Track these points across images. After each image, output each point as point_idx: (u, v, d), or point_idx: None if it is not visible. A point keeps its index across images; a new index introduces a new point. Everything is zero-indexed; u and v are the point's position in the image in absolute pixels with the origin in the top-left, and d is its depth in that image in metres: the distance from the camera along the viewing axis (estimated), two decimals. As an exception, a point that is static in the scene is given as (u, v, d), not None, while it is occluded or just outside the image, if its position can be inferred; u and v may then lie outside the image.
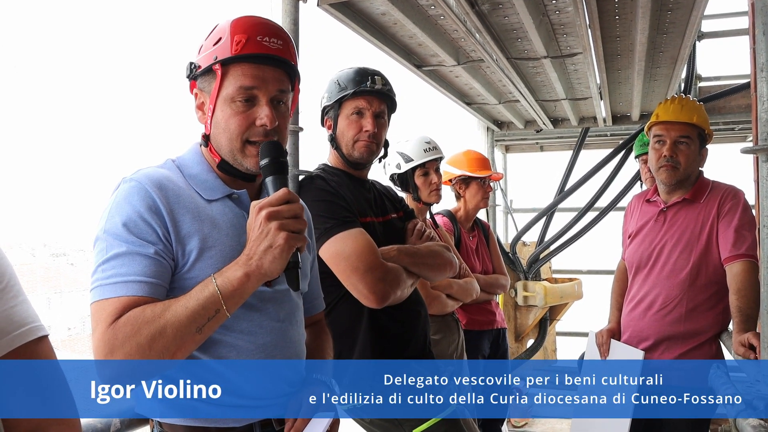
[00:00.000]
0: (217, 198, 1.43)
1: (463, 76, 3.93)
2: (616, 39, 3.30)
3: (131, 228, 1.31)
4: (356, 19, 2.86)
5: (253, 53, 1.39)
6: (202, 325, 1.25)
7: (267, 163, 1.36)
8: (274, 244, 1.24)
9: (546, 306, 5.44)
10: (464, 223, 3.59)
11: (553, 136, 6.16)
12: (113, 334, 1.23)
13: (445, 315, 3.00)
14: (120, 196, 1.35)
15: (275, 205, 1.27)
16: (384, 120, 2.24)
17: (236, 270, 1.26)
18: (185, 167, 1.47)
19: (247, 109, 1.41)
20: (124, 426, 1.61)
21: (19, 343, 1.02)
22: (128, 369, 1.24)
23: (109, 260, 1.29)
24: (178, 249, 1.34)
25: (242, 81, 1.39)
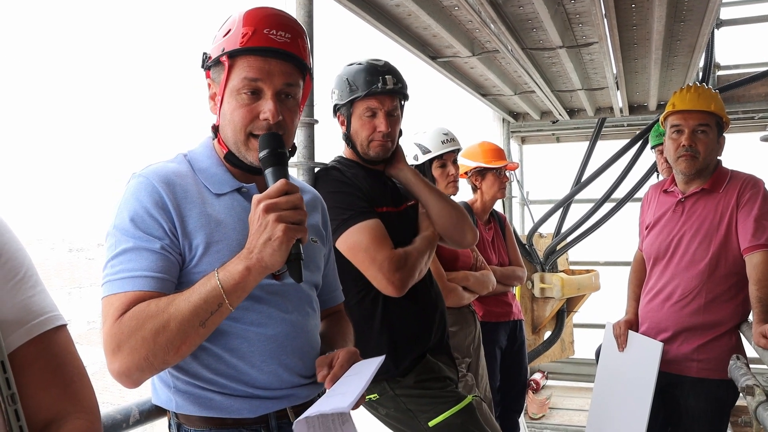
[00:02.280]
0: (226, 192, 1.44)
1: (478, 68, 3.90)
2: (633, 28, 3.26)
3: (138, 223, 1.32)
4: (370, 11, 2.85)
5: (258, 46, 1.39)
6: (205, 319, 1.26)
7: (266, 154, 1.36)
8: (273, 236, 1.24)
9: (563, 298, 5.41)
10: (481, 215, 3.59)
11: (569, 127, 6.12)
12: (119, 329, 1.26)
13: (461, 307, 3.01)
14: (128, 192, 1.37)
15: (273, 197, 1.26)
16: (396, 115, 2.24)
17: (238, 264, 1.26)
18: (195, 161, 1.48)
19: (252, 102, 1.40)
20: (143, 416, 1.62)
21: (38, 332, 1.02)
22: (135, 363, 1.25)
23: (117, 255, 1.32)
24: (185, 244, 1.35)
25: (247, 73, 1.39)
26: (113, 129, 51.45)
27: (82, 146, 41.60)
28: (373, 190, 2.22)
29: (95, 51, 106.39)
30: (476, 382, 2.93)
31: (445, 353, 2.37)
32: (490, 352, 3.33)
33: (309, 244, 1.53)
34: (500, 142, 5.52)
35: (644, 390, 2.65)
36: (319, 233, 1.62)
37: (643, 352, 2.73)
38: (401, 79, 2.24)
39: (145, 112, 61.75)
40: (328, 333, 1.63)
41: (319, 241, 1.59)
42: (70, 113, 58.48)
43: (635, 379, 2.75)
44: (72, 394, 1.05)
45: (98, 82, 79.01)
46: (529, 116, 5.55)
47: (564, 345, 5.82)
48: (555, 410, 5.67)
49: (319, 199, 1.71)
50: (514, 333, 3.59)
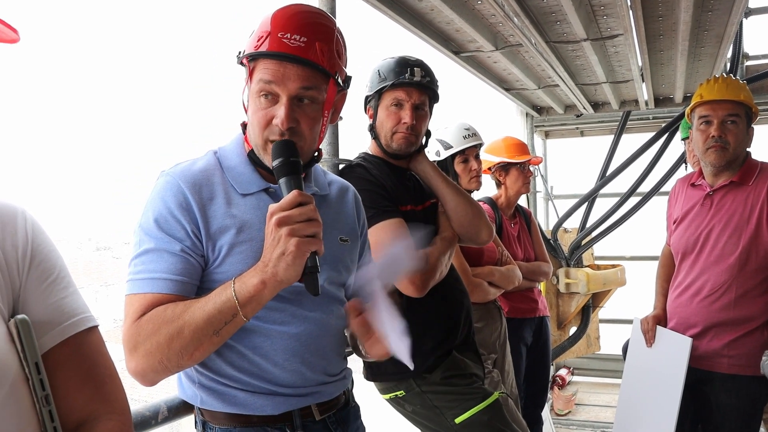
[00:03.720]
0: (253, 192, 1.43)
1: (502, 62, 3.87)
2: (659, 19, 3.22)
3: (161, 224, 1.33)
4: (393, 6, 2.84)
5: (268, 51, 1.36)
6: (219, 329, 1.26)
7: (278, 164, 1.31)
8: (286, 251, 1.20)
9: (589, 293, 5.37)
10: (505, 210, 3.56)
11: (594, 121, 6.06)
12: (136, 331, 1.27)
13: (487, 303, 2.99)
14: (155, 191, 1.38)
15: (286, 209, 1.22)
16: (424, 111, 2.22)
17: (253, 276, 1.25)
18: (225, 158, 1.47)
19: (269, 106, 1.37)
20: (171, 413, 1.64)
21: (70, 333, 1.03)
22: (150, 365, 1.27)
23: (140, 255, 1.33)
24: (209, 245, 1.35)
25: (262, 76, 1.36)
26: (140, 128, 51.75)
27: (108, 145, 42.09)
28: (397, 188, 2.22)
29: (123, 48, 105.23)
30: (502, 378, 2.92)
31: (471, 350, 2.36)
32: (516, 348, 3.31)
33: (337, 245, 1.51)
34: (523, 137, 5.48)
35: (673, 386, 2.62)
36: (350, 231, 1.59)
37: (672, 347, 2.69)
38: (431, 75, 2.23)
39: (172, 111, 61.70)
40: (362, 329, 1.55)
41: (350, 240, 1.56)
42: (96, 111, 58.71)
43: (664, 375, 2.71)
44: (104, 395, 1.06)
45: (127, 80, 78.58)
46: (552, 110, 5.50)
47: (590, 341, 5.78)
48: (581, 406, 5.64)
49: (352, 192, 1.67)
50: (540, 329, 3.57)
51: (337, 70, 1.42)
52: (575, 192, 6.37)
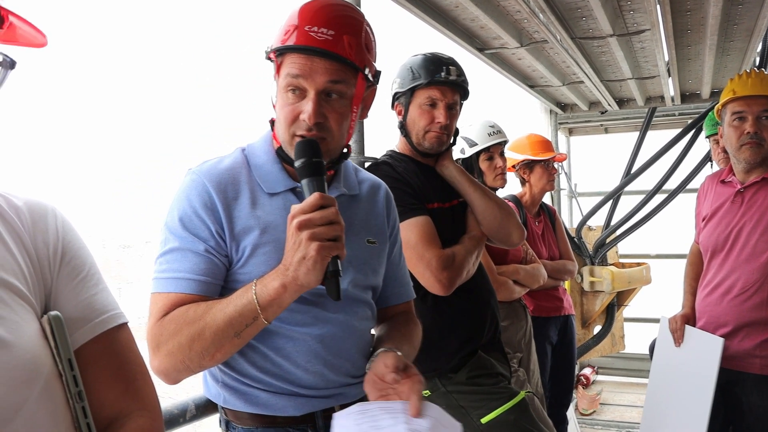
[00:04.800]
0: (279, 192, 1.40)
1: (526, 59, 3.85)
2: (687, 13, 3.17)
3: (186, 223, 1.33)
4: (417, 3, 2.82)
5: (295, 45, 1.33)
6: (240, 331, 1.25)
7: (300, 164, 1.28)
8: (306, 255, 1.18)
9: (613, 291, 5.32)
10: (530, 208, 3.54)
11: (618, 117, 6.01)
12: (159, 331, 1.28)
13: (512, 301, 2.97)
14: (181, 190, 1.37)
15: (307, 212, 1.19)
16: (456, 110, 2.20)
17: (274, 279, 1.23)
18: (252, 155, 1.45)
19: (297, 101, 1.35)
20: (199, 412, 1.65)
21: (101, 330, 1.04)
22: (172, 364, 1.27)
23: (165, 254, 1.33)
24: (233, 245, 1.34)
25: (290, 70, 1.34)
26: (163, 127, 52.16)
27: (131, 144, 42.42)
28: (424, 185, 2.20)
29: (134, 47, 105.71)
30: (528, 377, 2.89)
31: (497, 349, 2.34)
32: (541, 347, 3.29)
33: (364, 246, 1.48)
34: (547, 134, 5.44)
35: (704, 387, 2.58)
36: (379, 232, 1.55)
37: (702, 347, 2.65)
38: (464, 74, 2.21)
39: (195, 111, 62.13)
40: (390, 332, 1.55)
41: (377, 242, 1.52)
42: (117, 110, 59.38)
43: (694, 375, 2.67)
44: (134, 392, 1.06)
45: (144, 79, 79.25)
46: (577, 107, 5.46)
47: (614, 340, 5.72)
48: (606, 406, 5.58)
49: (384, 191, 1.62)
50: (565, 328, 3.54)
51: (366, 64, 1.39)
52: (599, 189, 6.32)
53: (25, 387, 0.90)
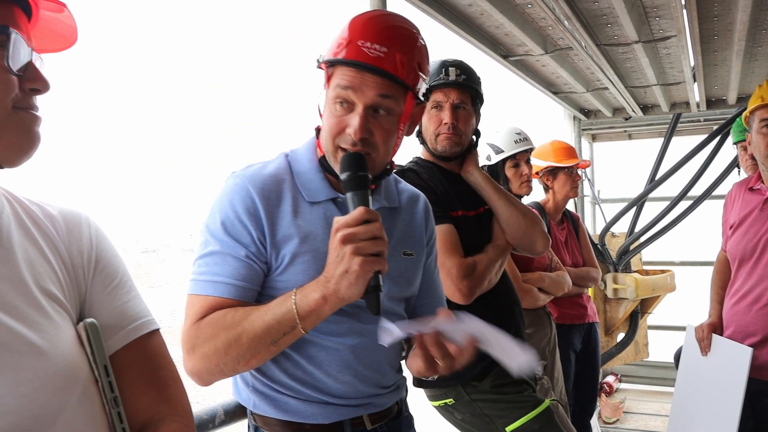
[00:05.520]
0: (320, 201, 1.40)
1: (551, 65, 3.84)
2: (714, 19, 3.14)
3: (228, 228, 1.33)
4: (443, 11, 2.83)
5: (347, 59, 1.33)
6: (277, 339, 1.25)
7: (346, 177, 1.27)
8: (349, 269, 1.18)
9: (637, 299, 5.27)
10: (553, 215, 3.53)
11: (642, 123, 5.96)
12: (195, 333, 1.28)
13: (537, 309, 2.96)
14: (223, 193, 1.37)
15: (351, 226, 1.19)
16: (466, 110, 2.19)
17: (315, 291, 1.23)
18: (296, 162, 1.45)
19: (344, 114, 1.34)
20: (228, 417, 1.66)
21: (134, 337, 1.06)
22: (206, 367, 1.28)
23: (205, 256, 1.34)
24: (273, 253, 1.34)
25: (340, 82, 1.34)
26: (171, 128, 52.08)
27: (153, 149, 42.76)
28: (449, 193, 2.20)
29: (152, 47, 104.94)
30: (552, 385, 2.88)
31: (522, 357, 2.33)
32: (565, 355, 3.27)
33: (400, 259, 1.48)
34: (571, 141, 5.42)
35: (732, 397, 2.55)
36: (416, 243, 1.55)
37: (730, 357, 2.62)
38: (469, 74, 2.20)
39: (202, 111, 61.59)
40: None
41: (414, 253, 1.53)
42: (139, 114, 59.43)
43: (721, 385, 2.64)
44: (167, 398, 1.08)
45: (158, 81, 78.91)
46: (600, 113, 5.42)
47: (638, 347, 5.67)
48: (630, 414, 5.52)
49: (423, 202, 1.63)
50: (589, 336, 3.52)
51: (416, 83, 1.38)
52: (623, 196, 6.27)
53: (64, 393, 0.92)
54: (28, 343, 0.89)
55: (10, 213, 0.99)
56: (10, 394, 0.85)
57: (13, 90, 0.89)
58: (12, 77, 0.89)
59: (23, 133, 0.91)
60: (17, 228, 0.98)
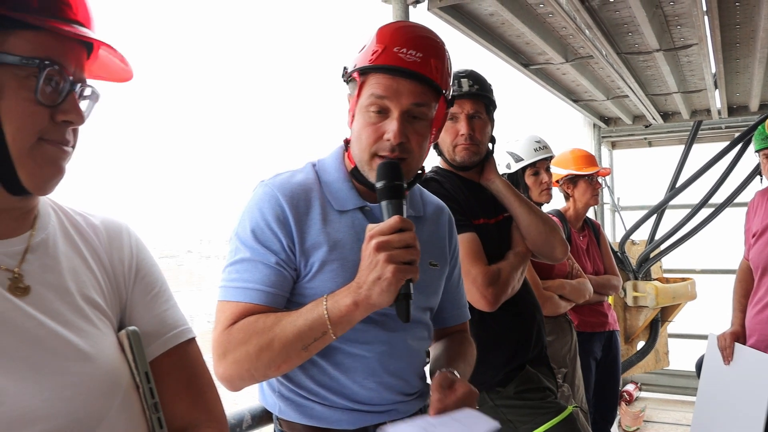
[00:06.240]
0: (349, 209, 1.42)
1: (571, 73, 3.84)
2: (736, 27, 3.14)
3: (258, 235, 1.34)
4: (464, 21, 2.86)
5: (385, 65, 1.35)
6: (308, 345, 1.27)
7: (381, 186, 1.29)
8: (382, 276, 1.19)
9: (657, 307, 5.25)
10: (574, 222, 3.53)
11: (663, 131, 5.94)
12: (227, 339, 1.30)
13: (557, 316, 2.96)
14: (253, 201, 1.39)
15: (386, 234, 1.21)
16: (482, 119, 2.20)
17: (346, 296, 1.24)
18: (323, 172, 1.47)
19: (379, 121, 1.36)
20: (255, 422, 1.68)
21: (172, 345, 1.09)
22: (237, 373, 1.30)
23: (235, 263, 1.35)
24: (302, 260, 1.35)
25: (375, 90, 1.35)
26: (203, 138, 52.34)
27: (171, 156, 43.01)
28: (470, 201, 2.22)
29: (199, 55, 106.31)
30: (572, 392, 2.88)
31: (543, 364, 2.34)
32: (585, 362, 3.26)
33: (426, 269, 1.49)
34: (590, 148, 5.41)
35: (755, 406, 2.54)
36: (441, 255, 1.57)
37: (753, 366, 2.62)
38: (481, 83, 2.21)
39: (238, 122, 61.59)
40: (448, 352, 1.57)
41: (439, 264, 1.54)
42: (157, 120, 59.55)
43: (744, 394, 2.63)
44: (203, 404, 1.11)
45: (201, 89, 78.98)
46: (620, 121, 5.41)
47: (658, 356, 5.64)
48: (650, 423, 5.50)
49: (447, 215, 1.65)
50: (609, 344, 3.51)
51: (446, 88, 1.42)
52: (642, 203, 6.24)
53: (107, 398, 0.95)
54: (74, 349, 0.93)
55: (56, 223, 1.03)
56: (57, 397, 0.88)
57: (42, 121, 0.91)
58: (42, 108, 0.91)
59: (45, 165, 0.93)
60: (62, 237, 1.02)
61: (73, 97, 0.94)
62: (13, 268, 0.93)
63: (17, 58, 0.88)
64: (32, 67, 0.89)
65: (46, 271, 0.96)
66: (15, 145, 0.89)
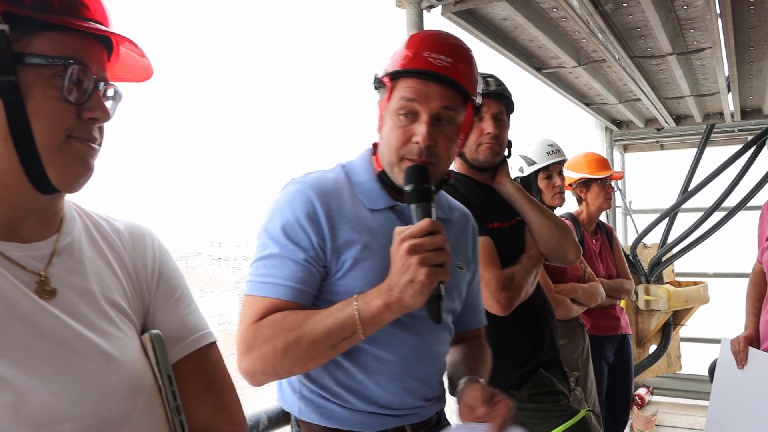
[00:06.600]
0: (380, 209, 1.43)
1: (583, 77, 3.85)
2: (750, 30, 3.13)
3: (288, 232, 1.35)
4: (478, 25, 2.87)
5: (416, 68, 1.37)
6: (336, 343, 1.28)
7: (410, 190, 1.30)
8: (415, 278, 1.20)
9: (669, 310, 5.23)
10: (587, 226, 3.53)
11: (675, 134, 5.92)
12: (254, 334, 1.30)
13: (570, 320, 2.97)
14: (284, 198, 1.39)
15: (417, 237, 1.22)
16: (503, 121, 2.22)
17: (377, 298, 1.25)
18: (353, 173, 1.48)
19: (408, 124, 1.38)
20: (271, 423, 1.70)
21: (194, 348, 1.10)
22: (261, 368, 1.30)
23: (263, 258, 1.35)
24: (333, 258, 1.36)
25: (404, 94, 1.38)
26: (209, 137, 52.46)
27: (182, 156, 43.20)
28: (484, 205, 2.23)
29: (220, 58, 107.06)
30: (585, 396, 2.88)
31: (556, 367, 2.35)
32: (597, 366, 3.26)
33: (454, 270, 1.50)
34: (602, 151, 5.40)
35: (770, 411, 2.53)
36: (466, 258, 1.60)
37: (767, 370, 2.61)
38: (503, 85, 2.23)
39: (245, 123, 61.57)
40: (467, 357, 1.59)
41: (464, 267, 1.57)
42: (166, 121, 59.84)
43: (759, 399, 2.63)
44: (224, 407, 1.12)
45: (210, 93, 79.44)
46: (632, 124, 5.40)
47: (670, 360, 5.62)
48: (662, 428, 5.47)
49: (469, 218, 1.67)
50: (622, 347, 3.51)
51: (475, 94, 1.45)
52: (654, 207, 6.22)
53: (131, 400, 0.96)
54: (99, 351, 0.94)
55: (81, 227, 1.05)
56: (83, 399, 0.90)
57: (69, 119, 0.93)
58: (68, 106, 0.92)
59: (74, 163, 0.94)
60: (87, 242, 1.04)
61: (98, 95, 0.96)
62: (39, 271, 0.94)
63: (42, 58, 0.90)
64: (57, 66, 0.91)
65: (72, 274, 0.98)
66: (43, 143, 0.91)
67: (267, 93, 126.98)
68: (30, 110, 0.90)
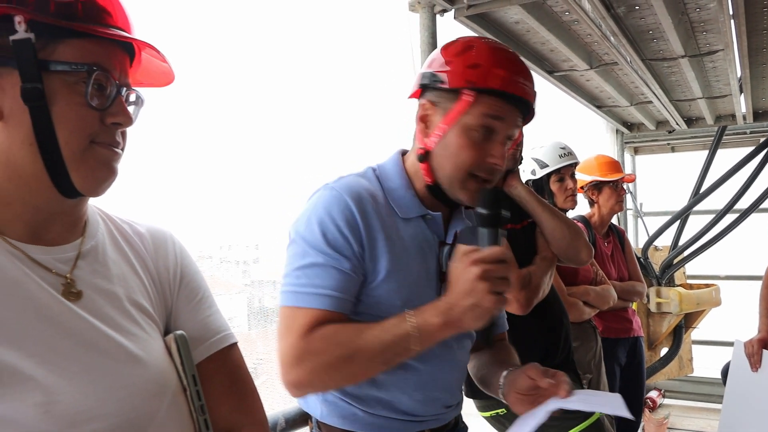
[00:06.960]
0: (412, 217, 1.42)
1: (595, 80, 3.85)
2: (763, 32, 3.13)
3: (330, 239, 1.31)
4: (490, 29, 2.88)
5: (512, 93, 1.35)
6: (389, 359, 1.27)
7: (487, 214, 1.27)
8: (480, 304, 1.19)
9: (681, 313, 5.21)
10: (599, 228, 3.53)
11: (686, 136, 5.90)
12: (305, 347, 1.26)
13: (582, 322, 2.97)
14: (319, 204, 1.35)
15: (489, 263, 1.20)
16: None
17: (436, 316, 1.24)
18: (385, 178, 1.46)
19: (483, 143, 1.36)
20: (288, 425, 1.71)
21: (216, 349, 1.12)
22: (310, 381, 1.29)
23: (305, 268, 1.31)
24: (370, 265, 1.34)
25: (489, 111, 1.35)
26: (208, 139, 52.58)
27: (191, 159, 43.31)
28: None
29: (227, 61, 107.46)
30: (598, 399, 2.88)
31: (570, 369, 2.36)
32: (610, 368, 3.26)
33: None
34: (613, 153, 5.39)
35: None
36: None
37: (782, 373, 2.60)
38: None
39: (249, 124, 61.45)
40: (498, 357, 1.58)
41: None
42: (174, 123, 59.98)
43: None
44: (246, 408, 1.14)
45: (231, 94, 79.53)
46: (643, 126, 5.39)
47: (682, 362, 5.59)
48: (674, 431, 5.45)
49: None
50: (634, 350, 3.51)
51: None
52: (665, 209, 6.20)
53: (157, 399, 0.98)
54: (125, 352, 0.96)
55: (105, 231, 1.07)
56: (110, 398, 0.92)
57: (92, 124, 0.94)
58: (92, 112, 0.94)
59: (98, 168, 0.96)
60: (111, 245, 1.06)
61: (121, 100, 0.98)
62: (65, 273, 0.96)
63: (67, 65, 0.92)
64: (81, 72, 0.92)
65: (97, 276, 1.00)
66: (68, 148, 0.92)
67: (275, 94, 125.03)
68: (54, 116, 0.91)
